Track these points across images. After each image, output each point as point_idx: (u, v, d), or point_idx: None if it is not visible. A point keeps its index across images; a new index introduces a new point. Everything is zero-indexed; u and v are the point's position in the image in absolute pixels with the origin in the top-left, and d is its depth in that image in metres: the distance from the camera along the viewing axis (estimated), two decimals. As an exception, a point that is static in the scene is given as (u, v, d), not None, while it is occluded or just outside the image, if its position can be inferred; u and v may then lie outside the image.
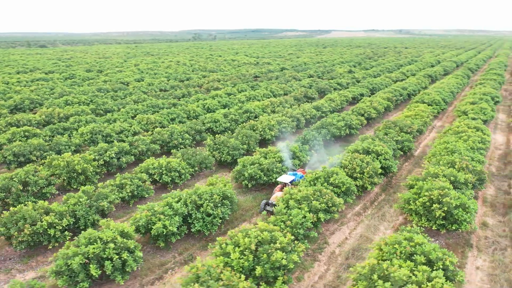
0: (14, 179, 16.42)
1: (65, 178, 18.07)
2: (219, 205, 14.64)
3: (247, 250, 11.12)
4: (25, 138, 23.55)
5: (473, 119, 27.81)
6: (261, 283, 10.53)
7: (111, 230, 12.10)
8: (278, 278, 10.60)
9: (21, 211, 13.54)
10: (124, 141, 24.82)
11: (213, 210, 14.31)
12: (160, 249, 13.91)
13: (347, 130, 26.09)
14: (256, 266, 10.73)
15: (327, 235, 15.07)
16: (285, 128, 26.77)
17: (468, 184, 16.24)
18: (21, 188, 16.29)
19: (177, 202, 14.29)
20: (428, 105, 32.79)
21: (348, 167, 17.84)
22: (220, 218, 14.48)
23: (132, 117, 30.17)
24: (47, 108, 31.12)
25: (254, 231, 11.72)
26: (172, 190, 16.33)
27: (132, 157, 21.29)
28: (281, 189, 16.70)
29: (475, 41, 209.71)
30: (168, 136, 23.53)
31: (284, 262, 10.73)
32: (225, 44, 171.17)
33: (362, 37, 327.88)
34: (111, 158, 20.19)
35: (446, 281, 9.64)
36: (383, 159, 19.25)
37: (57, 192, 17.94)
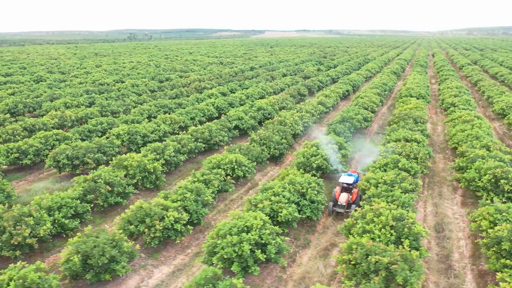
0: (99, 181, 16.25)
1: (139, 177, 18.07)
2: (320, 192, 15.83)
3: (386, 226, 12.53)
4: (57, 141, 22.71)
5: (463, 109, 31.37)
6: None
7: (254, 218, 12.80)
8: (421, 247, 12.13)
9: (142, 208, 13.75)
10: (157, 141, 24.94)
11: (316, 196, 15.47)
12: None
13: (364, 122, 28.24)
14: (403, 239, 12.15)
15: (409, 213, 16.87)
16: (307, 123, 28.30)
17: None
18: (110, 189, 16.19)
19: (283, 191, 15.21)
20: (417, 99, 36.05)
21: (402, 153, 19.82)
22: (322, 204, 15.68)
23: (148, 117, 29.90)
24: (47, 112, 29.89)
25: (383, 210, 13.15)
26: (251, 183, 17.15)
27: (185, 155, 21.58)
28: (342, 191, 16.97)
29: (403, 40, 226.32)
30: (208, 134, 23.98)
31: (423, 233, 12.32)
32: (169, 44, 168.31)
33: (296, 37, 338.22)
34: (171, 157, 20.41)
35: None
36: (422, 146, 21.52)
37: (137, 191, 17.94)
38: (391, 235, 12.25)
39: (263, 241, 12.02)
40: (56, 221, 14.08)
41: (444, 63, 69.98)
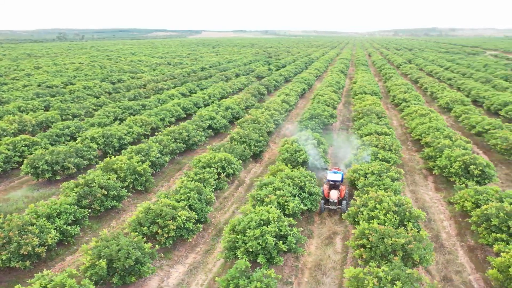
0: (93, 185, 15.79)
1: (131, 180, 17.73)
2: (315, 185, 16.65)
3: (389, 211, 13.62)
4: (26, 147, 21.49)
5: (415, 104, 33.99)
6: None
7: (268, 212, 13.26)
8: (421, 228, 13.36)
9: (151, 210, 13.68)
10: (132, 143, 24.48)
11: (313, 189, 16.28)
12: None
13: (331, 119, 29.65)
14: (405, 222, 13.29)
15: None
16: (277, 121, 29.13)
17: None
18: (105, 193, 15.79)
19: (283, 185, 15.82)
20: (371, 95, 38.35)
21: (378, 146, 21.27)
22: (319, 196, 16.50)
23: (115, 120, 29.07)
24: (0, 117, 28.02)
25: (384, 197, 14.25)
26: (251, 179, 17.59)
27: (168, 156, 21.42)
28: (330, 189, 17.37)
29: (337, 40, 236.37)
30: (186, 134, 23.93)
31: (422, 216, 13.57)
32: (106, 44, 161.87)
33: (234, 37, 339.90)
34: (156, 158, 20.20)
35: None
36: (392, 138, 23.20)
37: (130, 194, 17.59)
38: (395, 219, 13.34)
39: (282, 233, 12.55)
40: (58, 228, 13.54)
41: (383, 62, 74.58)
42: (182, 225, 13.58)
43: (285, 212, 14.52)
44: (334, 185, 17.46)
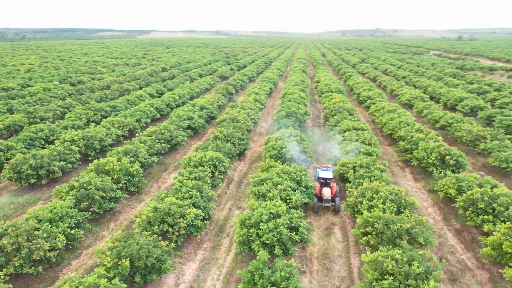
0: (90, 188, 15.49)
1: (125, 181, 17.49)
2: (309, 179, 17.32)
3: (387, 200, 14.57)
4: (1, 152, 20.49)
5: (380, 101, 35.82)
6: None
7: (277, 206, 13.73)
8: (415, 214, 14.42)
9: (159, 209, 13.71)
10: (112, 145, 24.05)
11: (309, 182, 16.95)
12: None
13: (305, 116, 30.59)
14: (402, 210, 14.29)
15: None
16: (254, 119, 29.62)
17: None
18: (104, 195, 15.54)
19: (282, 180, 16.34)
20: (337, 94, 39.83)
21: (358, 140, 22.37)
22: (314, 189, 17.19)
23: (87, 122, 28.26)
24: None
25: (380, 187, 15.20)
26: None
27: (155, 157, 21.27)
28: (322, 186, 17.76)
29: (290, 41, 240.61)
30: (169, 135, 23.81)
31: (416, 203, 14.64)
32: (52, 44, 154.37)
33: (185, 38, 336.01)
34: (145, 159, 20.02)
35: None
36: (369, 133, 24.46)
37: (126, 195, 17.36)
38: (393, 207, 14.28)
39: (293, 225, 13.07)
40: (63, 232, 13.21)
41: (340, 62, 77.25)
42: (191, 223, 13.72)
43: (288, 205, 15.05)
44: (325, 183, 17.97)
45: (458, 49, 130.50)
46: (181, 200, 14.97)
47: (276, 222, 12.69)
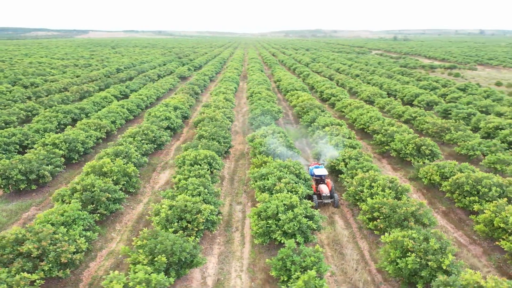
0: (94, 190, 15.25)
1: (124, 182, 17.30)
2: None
3: (385, 188, 15.78)
4: (-22, 158, 19.41)
5: (344, 98, 37.66)
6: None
7: (291, 197, 14.41)
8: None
9: (175, 206, 13.90)
10: (93, 148, 23.53)
11: (307, 175, 17.81)
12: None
13: (279, 114, 31.52)
14: (399, 195, 15.56)
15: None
16: (230, 118, 30.05)
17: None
18: (109, 196, 15.37)
19: (283, 174, 17.05)
20: (302, 92, 41.21)
21: (339, 135, 23.62)
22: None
23: (59, 125, 27.21)
24: None
25: (376, 176, 16.38)
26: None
27: (146, 158, 21.12)
28: (318, 183, 18.27)
29: (236, 41, 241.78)
30: (153, 135, 23.66)
31: (410, 189, 15.98)
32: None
33: (126, 38, 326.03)
34: (138, 159, 19.85)
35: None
36: (345, 128, 25.85)
37: (128, 196, 17.18)
38: (392, 193, 15.50)
39: (308, 214, 13.83)
40: (80, 235, 13.00)
41: (294, 61, 79.37)
42: (208, 218, 14.02)
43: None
44: (320, 180, 18.55)
45: (397, 49, 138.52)
46: (192, 197, 15.18)
47: (294, 212, 13.37)
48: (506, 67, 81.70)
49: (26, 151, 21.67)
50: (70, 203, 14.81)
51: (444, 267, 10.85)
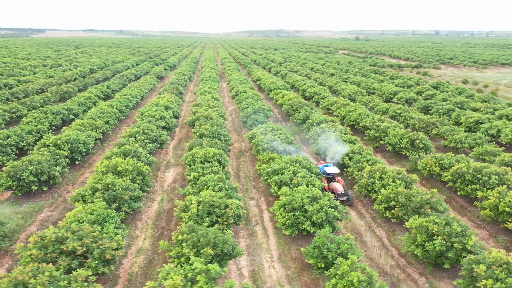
0: (116, 189, 15.30)
1: (139, 181, 17.37)
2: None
3: (395, 178, 16.76)
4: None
5: (327, 96, 38.83)
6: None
7: (313, 190, 15.07)
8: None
9: (203, 202, 14.23)
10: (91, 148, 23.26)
11: (317, 170, 18.55)
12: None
13: (270, 112, 32.16)
14: (408, 186, 16.59)
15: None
16: (223, 116, 30.40)
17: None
18: (131, 194, 15.47)
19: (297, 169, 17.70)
20: (286, 90, 42.03)
21: (336, 131, 24.56)
22: (322, 175, 18.83)
23: (50, 126, 26.65)
24: None
25: (386, 169, 17.36)
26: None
27: (153, 157, 21.16)
28: (329, 182, 18.58)
29: (203, 41, 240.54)
30: (153, 135, 23.68)
31: (417, 179, 17.07)
32: None
33: (87, 37, 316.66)
34: (147, 159, 19.92)
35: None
36: (339, 124, 26.84)
37: (145, 194, 17.24)
38: (402, 184, 16.49)
39: (332, 205, 14.54)
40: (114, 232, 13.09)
41: (267, 61, 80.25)
42: (236, 212, 14.44)
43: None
44: (332, 178, 18.90)
45: (362, 49, 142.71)
46: (216, 192, 15.53)
47: (320, 203, 14.04)
48: (466, 66, 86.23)
49: (28, 152, 21.10)
50: (92, 202, 14.81)
51: (469, 248, 11.86)
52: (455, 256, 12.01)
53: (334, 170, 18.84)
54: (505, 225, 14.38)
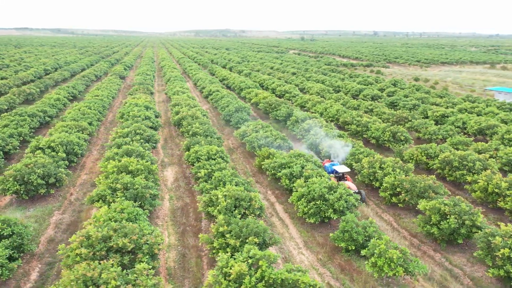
0: (137, 187, 15.41)
1: (152, 179, 17.46)
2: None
3: (395, 168, 18.24)
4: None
5: (299, 95, 40.27)
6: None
7: (329, 179, 16.07)
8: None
9: (228, 196, 14.77)
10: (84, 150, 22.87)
11: (319, 162, 19.63)
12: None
13: (249, 110, 32.91)
14: (407, 174, 18.14)
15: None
16: (206, 115, 30.71)
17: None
18: (152, 192, 15.64)
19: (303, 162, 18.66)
20: (257, 89, 42.91)
21: (322, 126, 25.85)
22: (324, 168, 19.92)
23: (31, 129, 25.55)
24: None
25: (385, 160, 18.80)
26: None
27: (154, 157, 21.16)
28: (339, 180, 18.55)
29: (149, 40, 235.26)
30: (146, 135, 23.60)
31: (413, 167, 18.68)
32: None
33: (21, 36, 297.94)
34: (150, 158, 19.95)
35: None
36: (323, 120, 28.16)
37: (159, 192, 17.33)
38: (401, 172, 17.99)
39: (347, 193, 15.64)
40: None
41: (226, 61, 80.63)
42: (259, 206, 15.09)
43: (322, 181, 17.47)
44: (341, 177, 19.11)
45: (312, 49, 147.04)
46: (235, 186, 16.05)
47: (339, 192, 15.09)
48: (411, 65, 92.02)
49: (15, 157, 20.29)
50: (113, 202, 14.81)
51: (478, 224, 13.43)
52: (466, 232, 13.53)
53: (344, 169, 18.96)
54: (498, 203, 16.26)
